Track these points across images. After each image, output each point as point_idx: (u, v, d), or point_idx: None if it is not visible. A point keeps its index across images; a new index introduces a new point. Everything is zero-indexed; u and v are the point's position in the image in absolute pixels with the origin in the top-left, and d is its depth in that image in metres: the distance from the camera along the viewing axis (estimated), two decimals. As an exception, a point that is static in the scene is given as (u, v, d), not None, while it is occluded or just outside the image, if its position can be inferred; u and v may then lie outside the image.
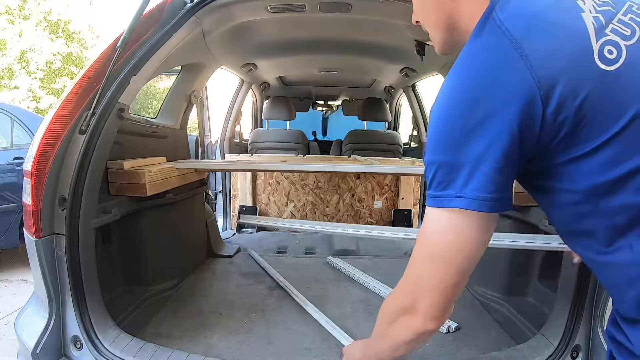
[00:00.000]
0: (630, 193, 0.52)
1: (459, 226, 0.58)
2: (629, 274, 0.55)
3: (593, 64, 0.52)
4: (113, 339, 1.14)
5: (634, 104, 0.51)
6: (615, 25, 0.55)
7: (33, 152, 1.09)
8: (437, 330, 0.74)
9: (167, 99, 2.05)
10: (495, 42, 0.55)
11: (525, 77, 0.52)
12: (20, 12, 10.53)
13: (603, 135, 0.52)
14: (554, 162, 0.56)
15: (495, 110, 0.53)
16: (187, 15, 1.36)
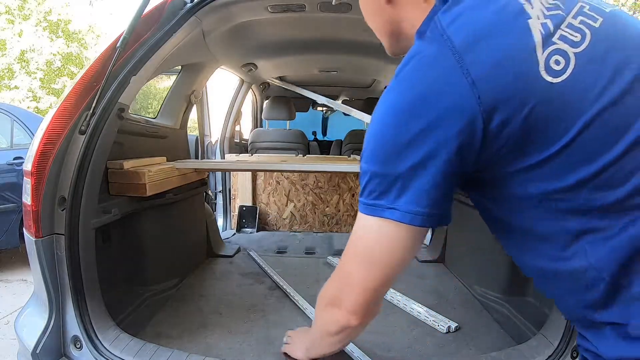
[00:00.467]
0: (582, 201, 0.51)
1: (388, 236, 0.58)
2: (585, 279, 0.53)
3: (538, 77, 0.49)
4: (113, 339, 1.14)
5: (583, 114, 0.49)
6: (564, 31, 0.51)
7: (33, 152, 1.09)
8: (361, 329, 0.76)
9: (167, 99, 2.05)
10: (436, 51, 0.52)
11: (466, 94, 0.50)
12: (20, 12, 10.53)
13: (552, 147, 0.50)
14: (503, 172, 0.54)
15: (432, 126, 0.51)
16: (187, 15, 1.36)
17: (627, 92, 0.49)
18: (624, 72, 0.50)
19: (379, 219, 0.57)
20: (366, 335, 1.38)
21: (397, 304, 1.57)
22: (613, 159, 0.49)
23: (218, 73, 2.34)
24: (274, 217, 3.02)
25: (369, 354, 1.25)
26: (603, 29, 0.52)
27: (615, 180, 0.49)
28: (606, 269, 0.51)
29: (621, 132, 0.49)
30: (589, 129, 0.49)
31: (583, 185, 0.50)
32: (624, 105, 0.49)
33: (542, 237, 0.56)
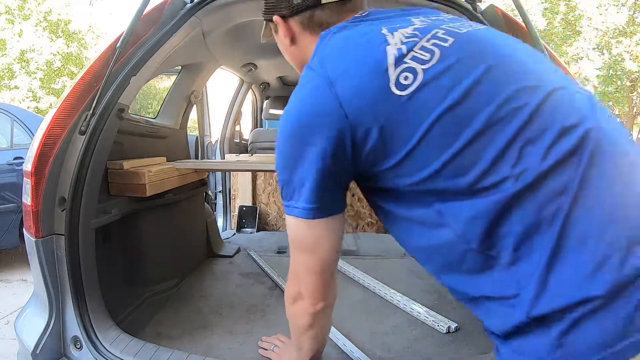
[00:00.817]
0: (441, 187, 0.60)
1: (302, 229, 0.73)
2: (457, 251, 0.62)
3: (389, 92, 0.60)
4: (113, 339, 1.14)
5: (426, 118, 0.59)
6: (415, 52, 0.61)
7: (33, 152, 1.09)
8: (329, 312, 0.87)
9: (167, 99, 2.05)
10: (317, 82, 0.65)
11: (338, 113, 0.62)
12: (20, 12, 10.53)
13: (406, 147, 0.60)
14: (376, 171, 0.65)
15: (314, 141, 0.64)
16: (186, 16, 1.36)
17: (464, 97, 0.58)
18: (464, 80, 0.59)
19: (292, 217, 0.72)
20: (366, 335, 1.38)
21: (397, 304, 1.57)
22: (456, 152, 0.58)
23: (218, 73, 2.34)
24: (274, 217, 3.02)
25: (369, 354, 1.26)
26: (453, 47, 0.62)
27: (462, 169, 0.58)
28: (473, 239, 0.59)
29: (460, 130, 0.58)
30: (433, 130, 0.59)
31: (437, 175, 0.59)
32: (462, 108, 0.58)
33: (417, 220, 0.66)
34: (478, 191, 0.57)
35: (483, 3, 1.40)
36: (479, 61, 0.60)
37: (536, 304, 0.54)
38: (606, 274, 0.50)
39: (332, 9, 0.75)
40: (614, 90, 8.60)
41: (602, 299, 0.50)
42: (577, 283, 0.52)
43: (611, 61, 8.59)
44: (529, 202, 0.54)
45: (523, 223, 0.55)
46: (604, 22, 8.88)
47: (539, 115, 0.56)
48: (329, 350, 1.30)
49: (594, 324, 0.51)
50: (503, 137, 0.56)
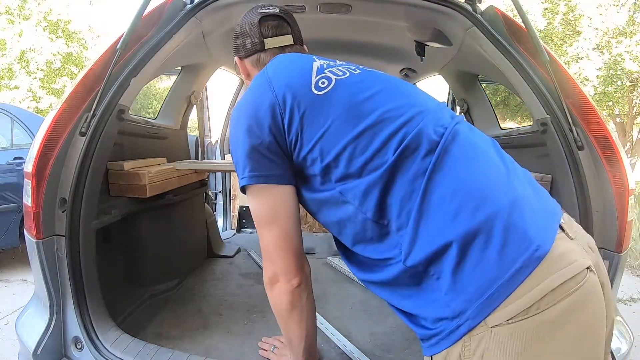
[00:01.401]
0: (342, 170, 0.77)
1: (256, 199, 0.85)
2: (360, 222, 0.77)
3: (310, 90, 0.81)
4: (114, 340, 1.14)
5: (332, 114, 0.78)
6: (332, 69, 0.86)
7: (33, 153, 1.09)
8: (307, 288, 0.92)
9: (167, 100, 2.05)
10: (261, 81, 0.87)
11: (273, 100, 0.82)
12: (20, 12, 10.52)
13: (316, 135, 0.78)
14: (299, 159, 0.82)
15: (257, 122, 0.81)
16: (187, 17, 1.36)
17: (363, 102, 0.79)
18: (365, 91, 0.80)
19: (247, 192, 0.85)
20: (366, 335, 1.38)
21: (397, 304, 1.57)
22: (350, 140, 0.76)
23: (218, 73, 2.34)
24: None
25: (369, 355, 1.26)
26: (360, 72, 0.87)
27: (356, 153, 0.75)
28: (369, 209, 0.74)
29: (357, 123, 0.76)
30: (335, 122, 0.77)
31: (339, 158, 0.76)
32: (360, 108, 0.78)
33: (325, 201, 0.82)
34: (368, 171, 0.74)
35: (483, 4, 1.40)
36: (376, 83, 0.83)
37: (410, 254, 0.69)
38: (458, 223, 0.65)
39: (273, 52, 0.99)
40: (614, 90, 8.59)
41: (459, 242, 0.64)
42: (438, 233, 0.66)
43: (611, 61, 8.58)
44: (402, 178, 0.72)
45: (400, 194, 0.72)
46: (604, 22, 8.87)
47: (411, 121, 0.76)
48: (329, 350, 1.30)
49: (471, 270, 0.64)
50: (386, 132, 0.75)
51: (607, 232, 1.12)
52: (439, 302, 0.67)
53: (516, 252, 0.62)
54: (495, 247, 0.63)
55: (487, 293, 0.62)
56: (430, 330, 0.68)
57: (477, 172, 0.70)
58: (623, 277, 1.17)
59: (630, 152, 9.26)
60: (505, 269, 0.62)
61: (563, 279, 0.61)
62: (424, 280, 0.69)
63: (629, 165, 1.12)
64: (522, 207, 0.66)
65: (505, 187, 0.68)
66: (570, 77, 1.18)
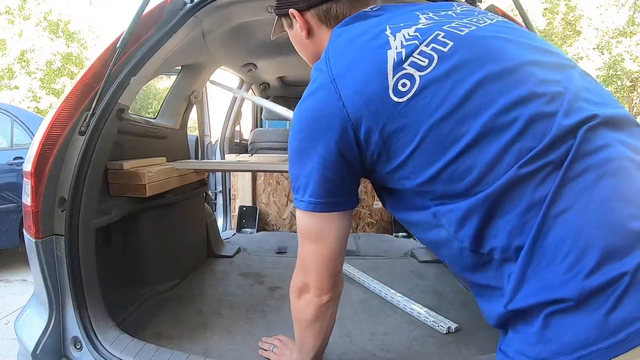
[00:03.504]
0: (439, 192, 0.64)
1: (310, 221, 0.75)
2: (454, 248, 0.66)
3: (388, 98, 0.62)
4: (113, 340, 1.14)
5: (423, 125, 0.61)
6: (414, 57, 0.63)
7: (33, 153, 1.09)
8: (334, 306, 0.88)
9: (167, 100, 2.05)
10: (323, 80, 0.68)
11: (341, 111, 0.65)
12: (20, 12, 10.53)
13: (404, 152, 0.64)
14: (383, 172, 0.69)
15: (320, 137, 0.67)
16: (186, 16, 1.36)
17: (460, 105, 0.60)
18: (460, 88, 0.60)
19: (300, 210, 0.75)
20: (366, 335, 1.38)
21: (397, 304, 1.57)
22: (451, 159, 0.60)
23: (218, 73, 2.34)
24: (274, 217, 3.02)
25: (369, 355, 1.26)
26: (451, 52, 0.63)
27: (457, 174, 0.60)
28: (465, 239, 0.63)
29: (456, 137, 0.60)
30: (428, 137, 0.61)
31: (435, 179, 0.62)
32: (457, 116, 0.60)
33: (416, 221, 0.71)
34: (471, 195, 0.60)
35: (483, 3, 1.40)
36: (475, 68, 0.61)
37: (514, 298, 0.58)
38: (578, 278, 0.52)
39: (348, 2, 0.77)
40: (614, 90, 8.60)
41: (573, 302, 0.53)
42: (551, 284, 0.55)
43: (611, 61, 8.59)
44: (513, 205, 0.57)
45: (508, 226, 0.58)
46: (604, 22, 8.88)
47: (529, 129, 0.57)
48: (330, 351, 1.30)
49: (569, 324, 0.53)
50: (496, 146, 0.58)
51: None
52: (527, 336, 0.58)
53: (630, 317, 0.50)
54: (607, 308, 0.51)
55: (582, 352, 0.52)
56: (508, 359, 0.62)
57: (612, 203, 0.53)
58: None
59: (630, 152, 9.27)
60: (610, 332, 0.51)
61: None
62: (520, 318, 0.60)
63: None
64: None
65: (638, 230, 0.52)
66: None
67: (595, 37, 9.06)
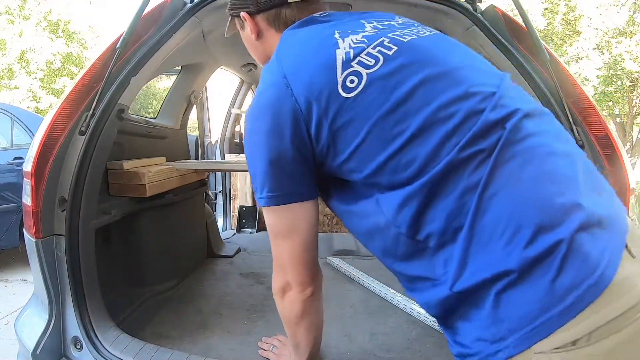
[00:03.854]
0: (385, 182, 0.67)
1: (277, 217, 0.77)
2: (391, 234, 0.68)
3: (337, 93, 0.66)
4: (113, 340, 1.14)
5: (369, 119, 0.65)
6: (362, 57, 0.67)
7: (33, 153, 1.09)
8: (319, 298, 0.88)
9: (167, 100, 2.05)
10: (274, 79, 0.71)
11: (293, 106, 0.68)
12: (20, 12, 10.52)
13: (351, 145, 0.66)
14: (333, 165, 0.71)
15: (275, 133, 0.69)
16: (186, 16, 1.36)
17: (403, 101, 0.64)
18: (403, 85, 0.65)
19: (266, 209, 0.77)
20: (366, 335, 1.38)
21: (397, 304, 1.57)
22: (394, 151, 0.64)
23: (218, 73, 2.34)
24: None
25: (369, 355, 1.26)
26: (395, 55, 0.67)
27: (401, 165, 0.64)
28: (402, 224, 0.65)
29: (399, 130, 0.64)
30: (373, 131, 0.65)
31: (380, 171, 0.66)
32: (400, 110, 0.64)
33: (360, 208, 0.73)
34: (411, 182, 0.64)
35: (483, 3, 1.40)
36: (417, 69, 0.66)
37: (460, 279, 0.60)
38: (517, 250, 0.56)
39: (297, 7, 0.81)
40: (614, 90, 8.60)
41: (516, 273, 0.56)
42: (494, 259, 0.58)
43: (611, 61, 8.59)
44: (450, 190, 0.61)
45: (445, 210, 0.61)
46: (604, 22, 8.87)
47: (464, 123, 0.62)
48: (328, 351, 1.30)
49: (518, 299, 0.56)
50: (436, 138, 0.62)
51: None
52: (480, 321, 0.60)
53: (574, 281, 0.54)
54: (551, 275, 0.54)
55: (533, 324, 0.55)
56: (467, 349, 0.63)
57: (539, 184, 0.59)
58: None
59: (630, 152, 9.26)
60: (558, 299, 0.54)
61: (622, 310, 0.54)
62: (468, 301, 0.62)
63: (630, 164, 1.12)
64: (587, 225, 0.56)
65: (570, 202, 0.57)
66: (571, 76, 1.18)
67: (595, 37, 9.05)
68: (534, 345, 0.55)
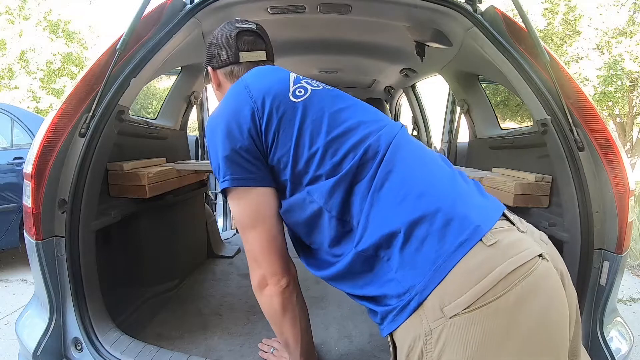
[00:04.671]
0: (311, 175, 0.82)
1: (238, 204, 0.88)
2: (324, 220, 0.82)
3: (288, 98, 0.87)
4: (114, 341, 1.14)
5: (305, 121, 0.84)
6: (308, 81, 0.93)
7: (33, 154, 1.09)
8: (296, 287, 0.95)
9: (167, 100, 2.05)
10: (238, 89, 0.91)
11: (251, 106, 0.86)
12: (20, 12, 10.51)
13: (288, 143, 0.84)
14: (273, 161, 0.86)
15: (236, 126, 0.85)
16: (186, 17, 1.36)
17: (337, 113, 0.86)
18: (336, 104, 0.87)
19: (229, 196, 0.87)
20: (365, 336, 1.38)
21: (397, 305, 1.57)
22: (323, 144, 0.81)
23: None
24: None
25: (369, 355, 1.26)
26: (332, 88, 0.94)
27: (327, 157, 0.81)
28: (333, 208, 0.79)
29: (328, 130, 0.83)
30: (309, 128, 0.83)
31: (310, 162, 0.82)
32: (334, 115, 0.85)
33: (295, 203, 0.85)
34: (335, 173, 0.80)
35: (483, 4, 1.40)
36: (347, 99, 0.91)
37: (360, 241, 0.74)
38: (404, 212, 0.71)
39: (247, 66, 1.03)
40: (614, 90, 8.58)
41: (405, 228, 0.69)
42: (386, 221, 0.72)
43: (611, 61, 8.58)
44: (363, 177, 0.78)
45: (360, 192, 0.77)
46: (604, 22, 8.86)
47: (375, 132, 0.83)
48: (329, 352, 1.30)
49: (415, 248, 0.69)
50: (355, 139, 0.81)
51: (608, 233, 1.12)
52: (392, 281, 0.71)
53: (458, 230, 0.67)
54: (438, 228, 0.68)
55: (434, 267, 0.66)
56: (387, 307, 0.72)
57: (423, 169, 0.79)
58: (623, 277, 1.17)
59: (630, 152, 9.26)
60: (449, 243, 0.67)
61: (515, 266, 0.64)
62: (377, 264, 0.74)
63: (629, 166, 1.12)
64: (463, 197, 0.73)
65: (448, 182, 0.76)
66: (571, 77, 1.18)
67: (595, 37, 9.04)
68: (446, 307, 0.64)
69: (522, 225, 0.75)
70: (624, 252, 1.11)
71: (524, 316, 0.63)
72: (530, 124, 1.59)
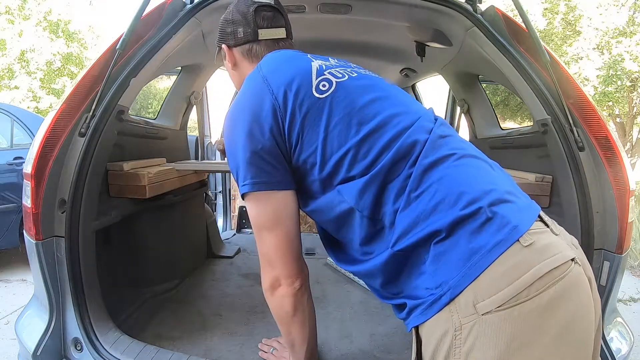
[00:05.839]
0: (342, 175, 0.78)
1: (260, 207, 0.84)
2: (355, 218, 0.79)
3: (311, 93, 0.80)
4: (113, 341, 1.14)
5: (334, 118, 0.78)
6: (331, 70, 0.85)
7: (33, 154, 1.09)
8: (307, 286, 0.92)
9: (167, 100, 2.05)
10: (255, 82, 0.85)
11: (272, 102, 0.80)
12: (20, 12, 10.51)
13: (314, 143, 0.79)
14: (301, 160, 0.81)
15: (256, 126, 0.80)
16: (186, 17, 1.36)
17: (365, 105, 0.79)
18: (365, 95, 0.81)
19: (247, 199, 0.84)
20: (366, 336, 1.38)
21: (397, 305, 1.57)
22: (353, 144, 0.76)
23: (218, 73, 2.34)
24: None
25: (369, 356, 1.26)
26: (358, 76, 0.86)
27: (358, 157, 0.76)
28: (365, 208, 0.75)
29: (357, 129, 0.77)
30: (338, 126, 0.78)
31: (341, 163, 0.77)
32: (362, 111, 0.79)
33: (325, 202, 0.82)
34: (367, 173, 0.75)
35: (483, 4, 1.40)
36: (375, 89, 0.84)
37: (398, 241, 0.72)
38: (444, 214, 0.69)
39: (267, 44, 0.97)
40: (614, 90, 8.58)
41: (443, 230, 0.67)
42: (425, 222, 0.70)
43: (611, 61, 8.57)
44: (396, 176, 0.74)
45: (394, 192, 0.74)
46: (604, 22, 8.86)
47: (408, 128, 0.78)
48: (329, 352, 1.30)
49: (452, 244, 0.67)
50: (387, 137, 0.76)
51: (608, 233, 1.12)
52: (424, 274, 0.70)
53: (496, 229, 0.66)
54: (476, 227, 0.67)
55: (469, 263, 0.65)
56: (416, 301, 0.71)
57: (461, 167, 0.75)
58: (623, 277, 1.17)
59: (630, 152, 9.25)
60: (486, 242, 0.66)
61: (549, 268, 0.63)
62: (412, 261, 0.72)
63: (630, 166, 1.12)
64: (502, 196, 0.71)
65: (487, 179, 0.74)
66: (571, 77, 1.18)
67: (595, 37, 9.04)
68: (479, 304, 0.63)
69: (555, 228, 0.74)
70: (624, 252, 1.11)
71: (555, 318, 0.63)
72: (531, 124, 1.59)
